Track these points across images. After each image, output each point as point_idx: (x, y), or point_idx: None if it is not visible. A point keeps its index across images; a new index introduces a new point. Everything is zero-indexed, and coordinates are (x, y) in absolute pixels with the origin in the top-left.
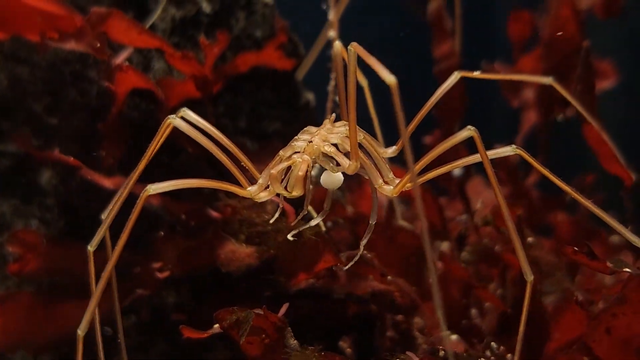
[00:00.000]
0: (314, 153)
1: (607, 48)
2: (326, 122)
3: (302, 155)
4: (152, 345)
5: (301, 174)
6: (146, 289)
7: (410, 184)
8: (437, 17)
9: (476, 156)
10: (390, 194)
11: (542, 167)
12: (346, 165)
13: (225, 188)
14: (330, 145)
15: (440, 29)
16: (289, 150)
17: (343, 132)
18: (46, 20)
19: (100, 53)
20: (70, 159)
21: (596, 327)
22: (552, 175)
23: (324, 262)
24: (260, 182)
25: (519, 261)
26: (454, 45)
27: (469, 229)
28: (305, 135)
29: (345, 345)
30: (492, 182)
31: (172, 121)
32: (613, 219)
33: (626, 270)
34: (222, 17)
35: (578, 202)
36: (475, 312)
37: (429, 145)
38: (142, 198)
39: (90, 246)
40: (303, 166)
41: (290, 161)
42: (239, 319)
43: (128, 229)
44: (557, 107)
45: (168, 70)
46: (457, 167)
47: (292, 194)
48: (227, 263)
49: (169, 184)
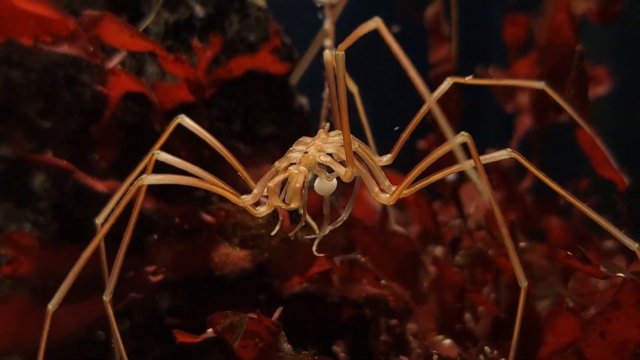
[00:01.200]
0: (310, 164)
1: (601, 52)
2: (320, 132)
3: (299, 166)
4: (146, 349)
5: (298, 186)
6: (140, 292)
7: (407, 191)
8: (434, 22)
9: (470, 162)
10: (387, 202)
11: (537, 170)
12: (342, 172)
13: (221, 192)
14: (325, 155)
15: (438, 34)
16: (285, 162)
17: (338, 142)
18: (39, 24)
19: (93, 57)
20: (63, 162)
21: (590, 331)
22: (547, 179)
23: (318, 265)
24: (255, 192)
25: (513, 267)
26: (450, 50)
27: (463, 233)
28: (300, 146)
29: (339, 349)
30: (485, 189)
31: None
32: (607, 222)
33: (620, 274)
34: (216, 20)
35: (571, 207)
36: (469, 316)
37: (423, 150)
38: (135, 186)
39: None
40: (300, 178)
41: (287, 173)
42: (233, 323)
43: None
44: (552, 111)
45: (161, 74)
46: (451, 173)
47: (290, 205)
48: (221, 266)
49: (165, 177)
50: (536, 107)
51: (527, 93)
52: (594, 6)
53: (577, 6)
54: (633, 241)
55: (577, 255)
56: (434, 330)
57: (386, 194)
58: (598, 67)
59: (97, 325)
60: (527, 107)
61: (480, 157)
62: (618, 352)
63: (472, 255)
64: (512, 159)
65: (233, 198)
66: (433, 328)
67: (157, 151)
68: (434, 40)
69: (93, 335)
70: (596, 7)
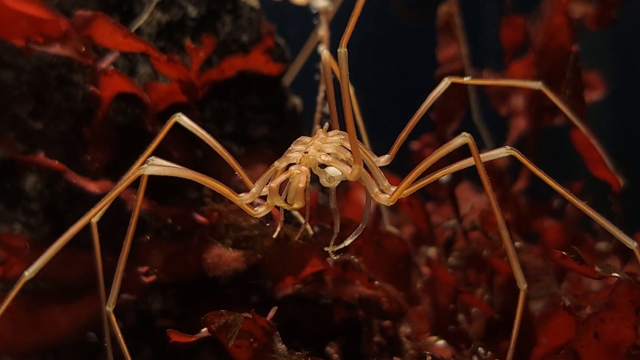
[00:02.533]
0: (310, 163)
1: (597, 53)
2: (319, 131)
3: (300, 166)
4: (137, 351)
5: (302, 186)
6: (132, 293)
7: (407, 191)
8: (446, 22)
9: (469, 160)
10: (387, 203)
11: (535, 167)
12: (348, 171)
13: (220, 189)
14: (326, 154)
15: (448, 34)
16: (284, 162)
17: (337, 141)
18: (31, 24)
19: (86, 57)
20: (55, 163)
21: (584, 332)
22: (546, 176)
23: (311, 266)
24: (253, 191)
25: (512, 269)
26: (459, 50)
27: (457, 234)
28: (299, 146)
29: (332, 350)
30: (487, 190)
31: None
32: (606, 220)
33: (615, 275)
34: (208, 21)
35: (565, 209)
36: (462, 317)
37: (417, 151)
38: (135, 174)
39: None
40: (302, 178)
41: (288, 173)
42: (228, 323)
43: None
44: (546, 114)
45: (154, 75)
46: (451, 172)
47: (292, 206)
48: (214, 267)
49: (166, 168)
50: (531, 110)
51: (521, 95)
52: (592, 10)
53: (574, 10)
54: (632, 240)
55: (572, 255)
56: (427, 331)
57: (385, 194)
58: (592, 74)
59: (89, 327)
60: (522, 109)
61: (480, 155)
62: (612, 353)
63: (465, 256)
64: (507, 159)
65: (231, 196)
66: (426, 329)
67: (150, 158)
68: (443, 39)
69: (85, 337)
70: (593, 11)
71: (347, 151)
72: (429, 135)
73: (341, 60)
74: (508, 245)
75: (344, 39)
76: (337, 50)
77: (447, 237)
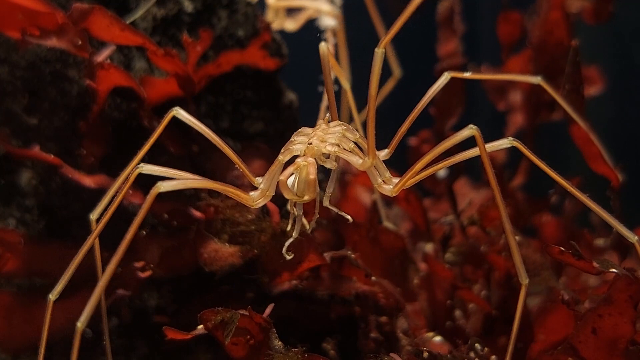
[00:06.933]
0: (315, 154)
1: (595, 49)
2: (321, 122)
3: (306, 158)
4: (132, 348)
5: (312, 177)
6: (127, 289)
7: (410, 182)
8: (446, 16)
9: (473, 150)
10: (390, 194)
11: (537, 159)
12: (359, 162)
13: (231, 193)
14: (332, 145)
15: (449, 28)
16: (288, 155)
17: (339, 132)
18: (27, 17)
19: (82, 50)
20: (50, 157)
21: (582, 327)
22: (547, 168)
23: (308, 262)
24: (262, 188)
25: (514, 263)
26: (458, 45)
27: (455, 229)
28: (301, 137)
29: (328, 346)
30: (491, 183)
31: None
32: (607, 213)
33: (613, 270)
34: (204, 16)
35: (563, 205)
36: (459, 313)
37: (415, 146)
38: (152, 195)
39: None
40: (311, 169)
41: (295, 166)
42: (224, 320)
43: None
44: (544, 110)
45: (149, 70)
46: (454, 162)
47: (303, 198)
48: (210, 262)
49: (179, 182)
50: (529, 105)
51: (519, 91)
52: (589, 5)
53: (571, 5)
54: (632, 233)
55: (570, 250)
56: (424, 327)
57: (389, 185)
58: (591, 68)
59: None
60: (520, 105)
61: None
62: (610, 349)
63: (463, 252)
64: (505, 155)
65: (241, 197)
66: (423, 325)
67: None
68: (443, 33)
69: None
70: (591, 6)
71: (349, 141)
72: (426, 131)
73: (377, 60)
74: (511, 238)
75: (384, 39)
76: (374, 50)
77: (444, 232)
